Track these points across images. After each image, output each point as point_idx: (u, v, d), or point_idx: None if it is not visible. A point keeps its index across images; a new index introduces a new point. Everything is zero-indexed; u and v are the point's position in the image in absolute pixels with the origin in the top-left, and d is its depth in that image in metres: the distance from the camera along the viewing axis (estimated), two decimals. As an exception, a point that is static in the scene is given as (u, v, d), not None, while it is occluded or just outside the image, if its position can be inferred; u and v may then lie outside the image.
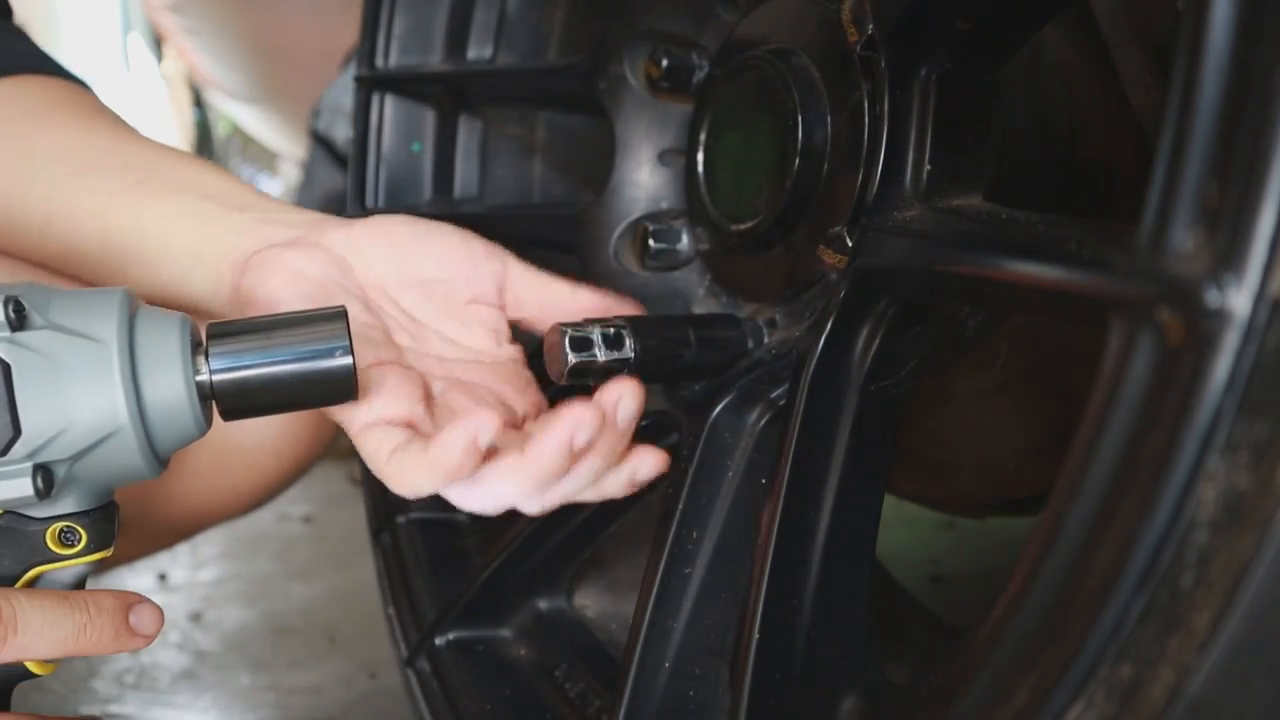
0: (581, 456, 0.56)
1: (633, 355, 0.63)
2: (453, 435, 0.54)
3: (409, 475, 0.56)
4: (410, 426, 0.59)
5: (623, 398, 0.56)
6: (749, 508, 0.62)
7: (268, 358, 0.53)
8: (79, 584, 0.55)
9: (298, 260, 0.64)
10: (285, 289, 0.62)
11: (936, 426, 0.86)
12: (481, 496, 0.57)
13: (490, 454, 0.56)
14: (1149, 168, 0.38)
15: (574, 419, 0.54)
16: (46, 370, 0.49)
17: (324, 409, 0.61)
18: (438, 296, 0.66)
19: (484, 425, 0.53)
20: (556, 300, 0.67)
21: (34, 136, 0.75)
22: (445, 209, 0.95)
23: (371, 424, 0.59)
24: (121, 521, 0.56)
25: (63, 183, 0.72)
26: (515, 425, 0.64)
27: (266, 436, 0.90)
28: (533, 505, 0.59)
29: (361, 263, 0.65)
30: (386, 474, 0.58)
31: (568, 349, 0.63)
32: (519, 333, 0.69)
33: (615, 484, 0.60)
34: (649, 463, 0.59)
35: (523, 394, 0.65)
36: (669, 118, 0.80)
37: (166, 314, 0.53)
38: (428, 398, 0.63)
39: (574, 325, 0.64)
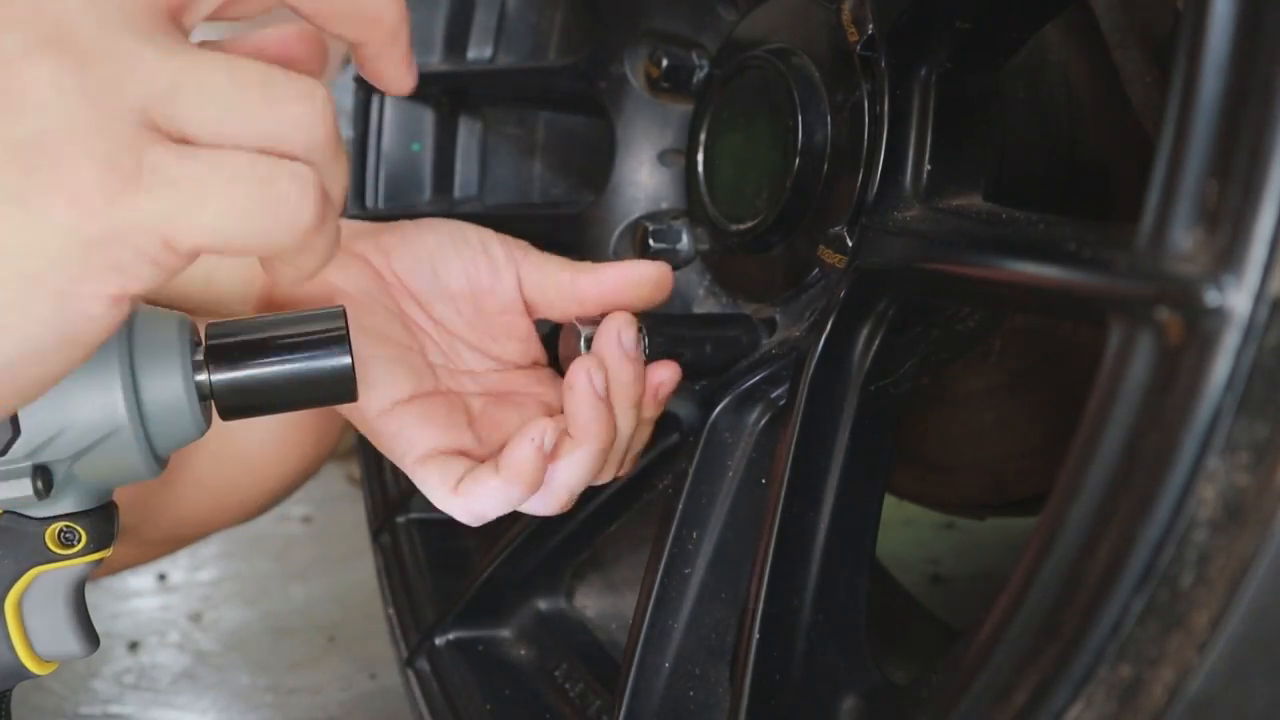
0: (614, 398, 0.60)
1: (645, 354, 0.63)
2: (520, 447, 0.58)
3: (481, 499, 0.60)
4: (464, 454, 0.62)
5: (621, 329, 0.61)
6: (749, 508, 0.62)
7: (267, 358, 0.53)
8: (79, 585, 0.55)
9: (335, 275, 0.64)
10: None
11: (936, 426, 0.86)
12: (554, 495, 0.61)
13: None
14: (1149, 168, 0.38)
15: (583, 367, 0.59)
16: (46, 370, 0.49)
17: (381, 446, 0.64)
18: (467, 310, 0.66)
19: (545, 430, 0.58)
20: (557, 295, 0.67)
21: None
22: (445, 209, 0.95)
23: (428, 456, 0.62)
24: (123, 528, 0.56)
25: None
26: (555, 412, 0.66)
27: (269, 443, 0.90)
28: (606, 473, 0.63)
29: (393, 275, 0.65)
30: (454, 502, 0.60)
31: (582, 349, 0.63)
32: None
33: (652, 409, 0.63)
34: (666, 376, 0.63)
35: (558, 390, 0.67)
36: (669, 118, 0.80)
37: (165, 314, 0.53)
38: (471, 418, 0.65)
39: (588, 323, 0.64)
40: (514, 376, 0.68)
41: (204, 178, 0.39)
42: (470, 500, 0.60)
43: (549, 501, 0.61)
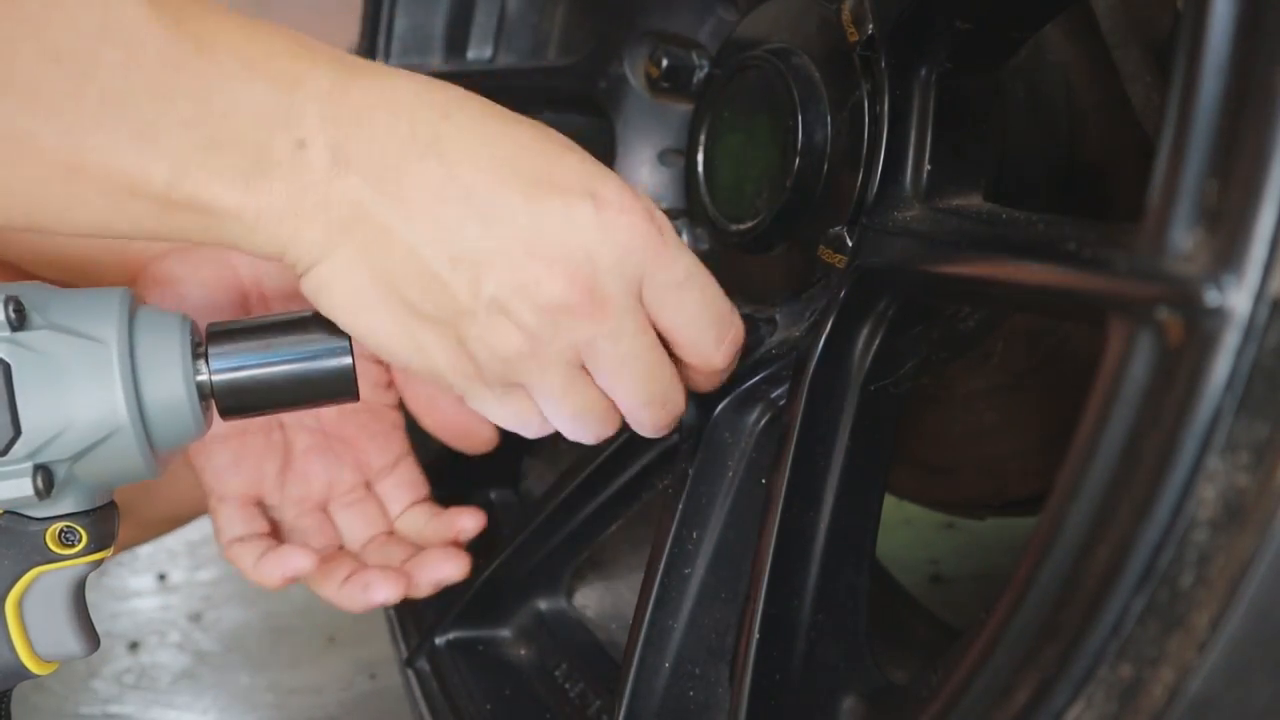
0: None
1: None
2: (270, 568, 0.68)
3: (240, 567, 0.69)
4: (259, 501, 0.72)
5: (445, 579, 0.71)
6: (749, 508, 0.62)
7: (267, 358, 0.53)
8: (79, 584, 0.55)
9: (185, 270, 0.67)
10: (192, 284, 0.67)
11: (936, 426, 0.86)
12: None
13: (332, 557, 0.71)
14: (1149, 168, 0.38)
15: (382, 596, 0.68)
16: (47, 370, 0.49)
17: (195, 470, 0.70)
18: None
19: (296, 567, 0.67)
20: None
21: None
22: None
23: (224, 499, 0.70)
24: (122, 509, 0.56)
25: None
26: (367, 484, 0.74)
27: None
28: None
29: (259, 292, 0.68)
30: (225, 554, 0.70)
31: None
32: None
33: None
34: (468, 525, 0.72)
35: (386, 446, 0.74)
36: (669, 118, 0.80)
37: (166, 314, 0.53)
38: (285, 464, 0.72)
39: None
40: (354, 416, 0.73)
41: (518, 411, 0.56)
42: (233, 558, 0.70)
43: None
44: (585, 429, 0.57)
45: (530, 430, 0.57)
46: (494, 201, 0.50)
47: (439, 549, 0.71)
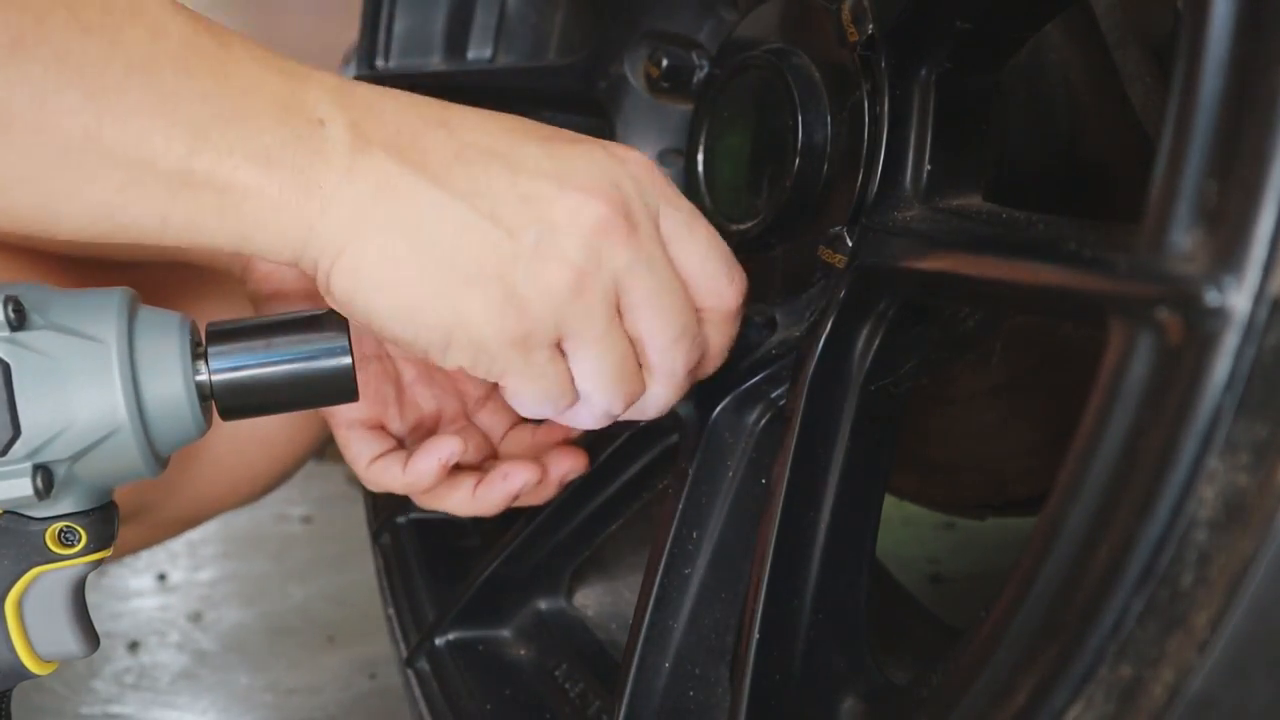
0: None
1: None
2: (425, 461, 0.66)
3: (384, 482, 0.68)
4: (383, 427, 0.70)
5: (570, 471, 0.69)
6: (749, 508, 0.62)
7: (267, 358, 0.53)
8: (79, 584, 0.55)
9: None
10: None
11: (936, 426, 0.86)
12: (430, 504, 0.69)
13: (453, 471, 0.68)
14: (1149, 168, 0.38)
15: (521, 480, 0.67)
16: (46, 370, 0.49)
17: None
18: None
19: (450, 450, 0.66)
20: None
21: None
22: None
23: (352, 425, 0.69)
24: (140, 508, 0.56)
25: None
26: (467, 415, 0.74)
27: (284, 419, 0.90)
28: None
29: None
30: (365, 477, 0.69)
31: None
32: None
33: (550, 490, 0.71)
34: (571, 465, 0.70)
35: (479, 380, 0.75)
36: (669, 118, 0.80)
37: (166, 314, 0.53)
38: (399, 391, 0.72)
39: None
40: None
41: (545, 376, 0.55)
42: (375, 480, 0.68)
43: (427, 505, 0.69)
44: (614, 390, 0.57)
45: (559, 404, 0.57)
46: (515, 153, 0.53)
47: (558, 447, 0.71)
